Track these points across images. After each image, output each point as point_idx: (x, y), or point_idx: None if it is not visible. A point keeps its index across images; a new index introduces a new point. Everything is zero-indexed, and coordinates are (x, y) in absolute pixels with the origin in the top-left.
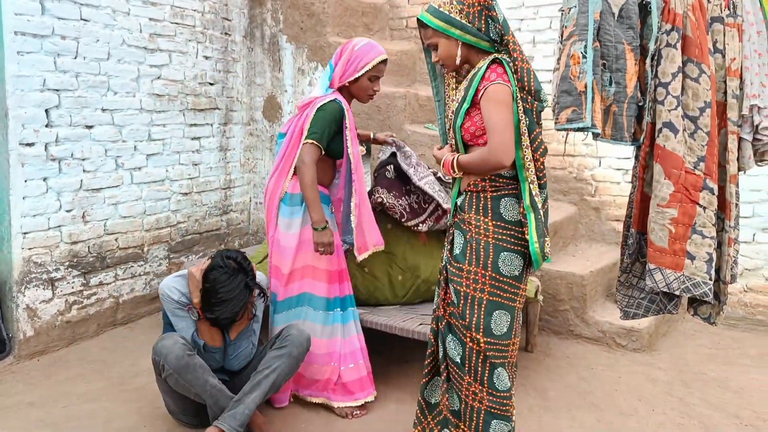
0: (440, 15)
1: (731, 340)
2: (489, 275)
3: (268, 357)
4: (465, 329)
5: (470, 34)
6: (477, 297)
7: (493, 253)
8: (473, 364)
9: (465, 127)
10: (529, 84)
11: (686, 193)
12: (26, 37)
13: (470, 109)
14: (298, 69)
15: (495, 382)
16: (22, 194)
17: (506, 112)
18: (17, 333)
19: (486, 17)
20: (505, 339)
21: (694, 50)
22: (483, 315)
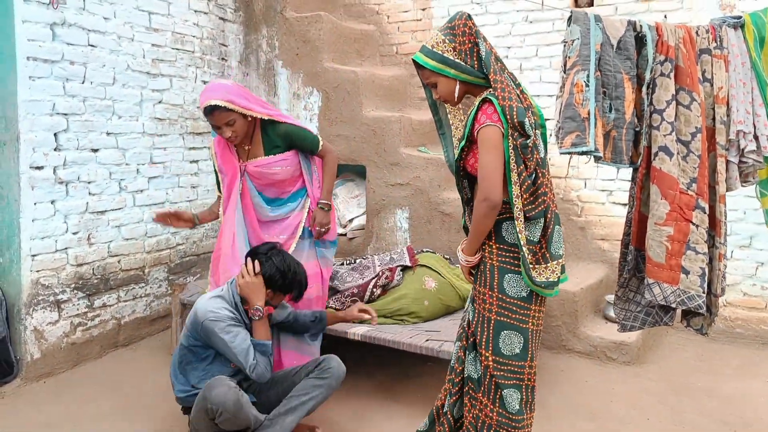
0: (435, 56)
1: (713, 351)
2: (496, 296)
3: (307, 384)
4: (479, 347)
5: (465, 73)
6: (486, 317)
7: (498, 275)
8: (485, 382)
9: (470, 164)
10: (512, 120)
11: (681, 212)
12: (38, 63)
13: (471, 146)
14: (294, 94)
15: (504, 402)
16: (31, 217)
17: (494, 155)
18: (25, 355)
19: (477, 54)
20: (518, 360)
21: (685, 79)
22: (492, 334)
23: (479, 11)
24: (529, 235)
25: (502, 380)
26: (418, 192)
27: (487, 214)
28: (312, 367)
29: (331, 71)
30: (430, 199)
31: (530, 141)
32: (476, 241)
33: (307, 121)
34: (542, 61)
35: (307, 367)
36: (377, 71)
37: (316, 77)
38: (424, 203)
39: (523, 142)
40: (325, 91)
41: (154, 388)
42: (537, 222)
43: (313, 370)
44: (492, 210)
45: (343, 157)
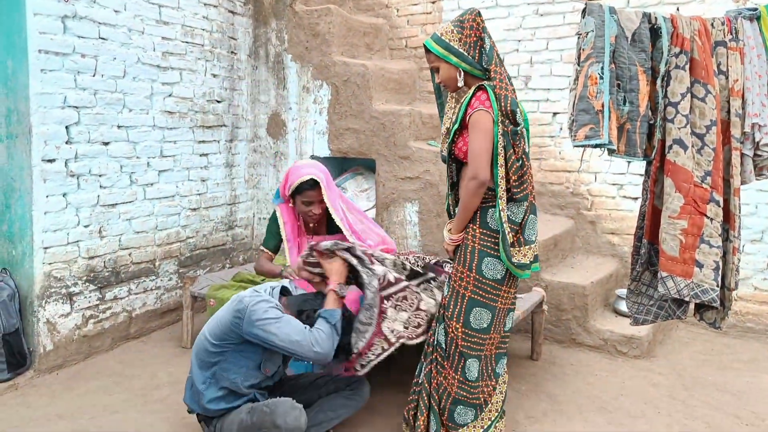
0: (441, 42)
1: (723, 346)
2: (474, 276)
3: (336, 402)
4: (448, 319)
5: (466, 63)
6: (461, 293)
7: (478, 257)
8: (450, 352)
9: (458, 147)
10: (506, 107)
11: (695, 205)
12: (49, 56)
13: (462, 130)
14: (303, 87)
15: (465, 371)
16: (43, 209)
17: (483, 138)
18: (37, 347)
19: (480, 48)
20: (483, 333)
21: (700, 72)
22: (464, 309)
23: (490, 4)
24: (511, 215)
25: (466, 350)
26: (428, 186)
27: (475, 192)
28: (343, 385)
29: (340, 65)
30: (440, 192)
31: (520, 128)
32: (464, 220)
33: (316, 114)
34: (553, 55)
35: (336, 382)
36: (387, 65)
37: (326, 70)
38: (434, 197)
39: (513, 128)
40: (334, 84)
41: (166, 380)
42: (521, 204)
43: (344, 388)
44: (479, 188)
45: (353, 150)
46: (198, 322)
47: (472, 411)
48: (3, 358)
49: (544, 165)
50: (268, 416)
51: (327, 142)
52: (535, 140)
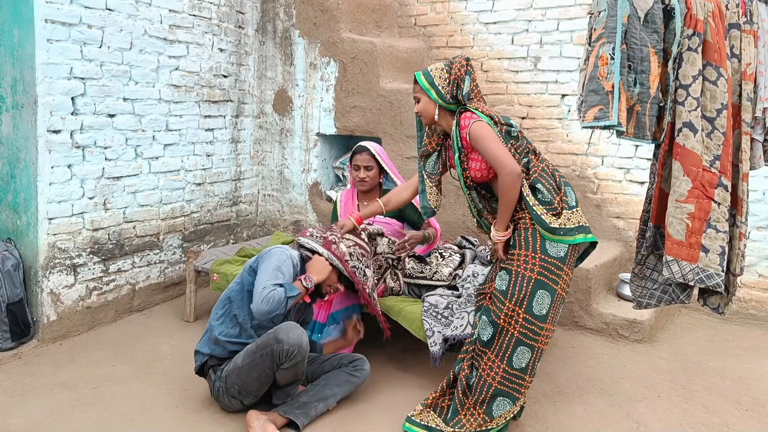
0: (428, 77)
1: (725, 332)
2: (539, 257)
3: (340, 378)
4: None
5: (441, 99)
6: (527, 276)
7: (540, 238)
8: (505, 337)
9: (473, 169)
10: (499, 121)
11: (703, 189)
12: (55, 25)
13: (465, 157)
14: (310, 63)
15: (513, 360)
16: (48, 180)
17: (493, 140)
18: (41, 317)
19: (457, 86)
20: (541, 321)
21: (713, 54)
22: (529, 292)
23: None
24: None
25: (523, 337)
26: None
27: (514, 184)
28: (346, 362)
29: (348, 41)
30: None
31: (514, 130)
32: (507, 214)
33: (323, 91)
34: (563, 36)
35: (340, 359)
36: (395, 42)
37: (334, 47)
38: None
39: (508, 128)
40: (342, 61)
41: (168, 353)
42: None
43: (347, 364)
44: (516, 180)
45: (359, 128)
46: (201, 297)
47: (509, 402)
48: (7, 327)
49: (551, 147)
50: (271, 334)
51: (333, 120)
52: (543, 122)
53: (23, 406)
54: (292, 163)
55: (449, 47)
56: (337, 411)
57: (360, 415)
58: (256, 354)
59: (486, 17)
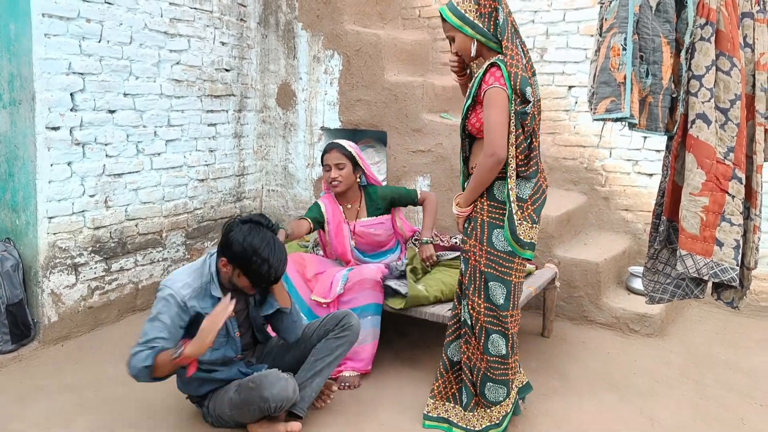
0: (456, 12)
1: (736, 325)
2: (485, 249)
3: (328, 345)
4: (470, 296)
5: (480, 34)
6: (477, 268)
7: (488, 230)
8: (476, 328)
9: (471, 122)
10: (515, 86)
11: (717, 182)
12: (53, 20)
13: (475, 106)
14: (314, 57)
15: (492, 347)
16: (48, 178)
17: (500, 114)
18: (42, 318)
19: (495, 20)
20: (502, 309)
21: (726, 44)
22: (482, 284)
23: None
24: (519, 192)
25: (489, 326)
26: (440, 159)
27: (492, 168)
28: (332, 325)
29: (352, 34)
30: (453, 166)
31: (530, 108)
32: (475, 193)
33: (327, 85)
34: (569, 26)
35: (324, 326)
36: (399, 35)
37: (337, 40)
38: (446, 170)
39: (523, 108)
40: (346, 54)
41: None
42: (529, 181)
43: (333, 328)
44: (497, 165)
45: (364, 122)
46: None
47: (502, 389)
48: (6, 329)
49: (558, 140)
50: (255, 391)
51: (338, 114)
52: (550, 114)
53: (25, 410)
54: (296, 157)
55: None
56: (344, 408)
57: (369, 415)
58: (244, 409)
59: None
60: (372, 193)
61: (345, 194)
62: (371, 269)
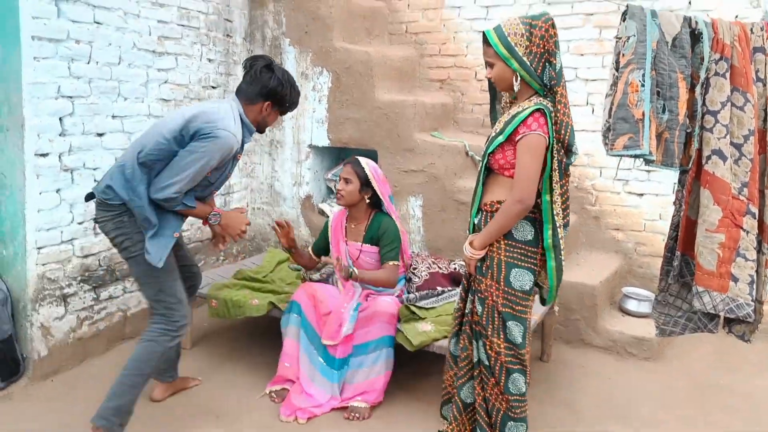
0: (505, 42)
1: (730, 347)
2: (503, 289)
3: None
4: (489, 336)
5: (526, 72)
6: (495, 308)
7: (506, 269)
8: (497, 368)
9: (496, 158)
10: (564, 137)
11: (732, 218)
12: (42, 42)
13: (504, 143)
14: (302, 73)
15: (513, 386)
16: (37, 207)
17: (536, 163)
18: (31, 353)
19: (546, 61)
20: (520, 348)
21: (740, 79)
22: (501, 324)
23: None
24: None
25: (510, 365)
26: (433, 179)
27: (518, 215)
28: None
29: (342, 51)
30: (445, 186)
31: (574, 158)
32: (493, 237)
33: (315, 102)
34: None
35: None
36: (387, 51)
37: (326, 57)
38: (438, 191)
39: (568, 160)
40: (335, 71)
41: None
42: (565, 230)
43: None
44: (524, 212)
45: (353, 141)
46: (197, 321)
47: (522, 426)
48: None
49: None
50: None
51: (326, 132)
52: None
53: None
54: (282, 175)
55: (442, 55)
56: None
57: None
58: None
59: (480, 25)
60: (379, 221)
61: (352, 212)
62: (386, 302)
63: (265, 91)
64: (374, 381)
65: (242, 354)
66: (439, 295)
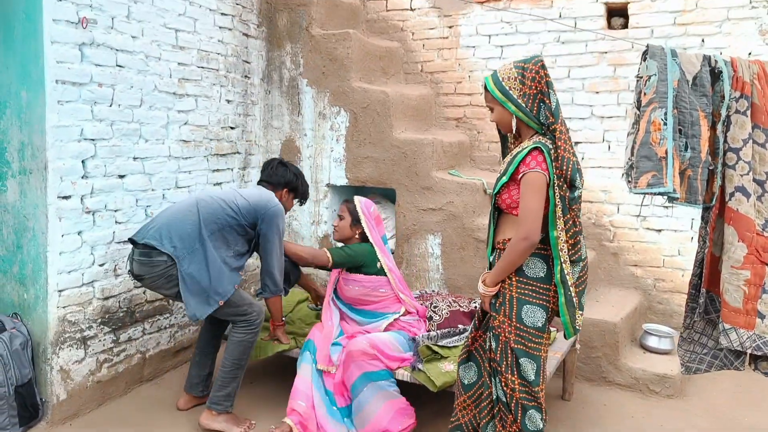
0: (500, 86)
1: (750, 382)
2: (515, 326)
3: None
4: (503, 373)
5: (522, 113)
6: (508, 345)
7: (517, 306)
8: (512, 405)
9: (503, 198)
10: (566, 172)
11: (757, 255)
12: (66, 86)
13: (509, 183)
14: (319, 113)
15: (530, 422)
16: (59, 250)
17: (538, 200)
18: (50, 397)
19: (539, 101)
20: (534, 385)
21: (760, 117)
22: (514, 361)
23: (509, 30)
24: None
25: (525, 402)
26: (452, 217)
27: (525, 252)
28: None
29: (359, 91)
30: (464, 225)
31: (578, 193)
32: (503, 274)
33: (333, 141)
34: (574, 83)
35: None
36: (404, 90)
37: (344, 96)
38: (457, 229)
39: (571, 194)
40: (353, 111)
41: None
42: (577, 265)
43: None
44: (530, 248)
45: (372, 179)
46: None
47: None
48: (15, 411)
49: None
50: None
51: (344, 171)
52: None
53: None
54: (300, 214)
55: (457, 94)
56: None
57: None
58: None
59: (494, 64)
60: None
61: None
62: (355, 342)
63: (283, 181)
64: (380, 416)
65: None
66: (461, 333)
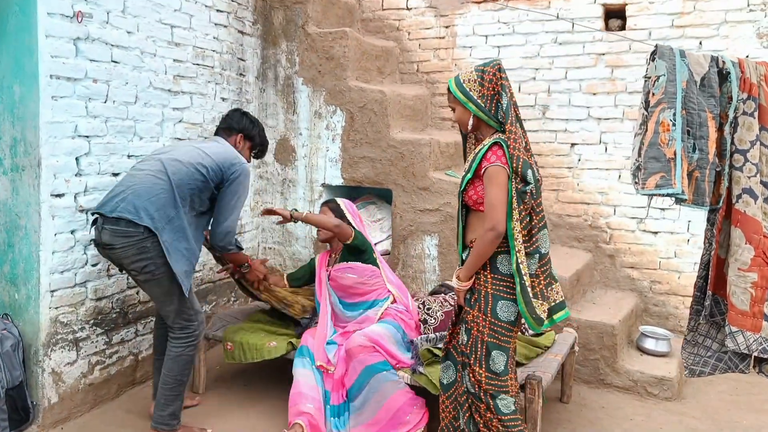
0: (461, 87)
1: (748, 384)
2: (489, 320)
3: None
4: (471, 365)
5: (481, 111)
6: (480, 339)
7: (492, 302)
8: (482, 395)
9: (469, 195)
10: (518, 168)
11: (764, 257)
12: (60, 81)
13: (473, 179)
14: (315, 112)
15: (501, 409)
16: (51, 249)
17: (501, 192)
18: (42, 400)
19: (497, 102)
20: (503, 375)
21: (767, 118)
22: (484, 354)
23: (506, 31)
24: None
25: (493, 390)
26: (449, 218)
27: (492, 242)
28: None
29: (356, 90)
30: None
31: (529, 188)
32: (475, 267)
33: (329, 141)
34: (571, 84)
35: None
36: (400, 90)
37: (340, 96)
38: (454, 230)
39: (523, 188)
40: (349, 110)
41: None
42: (532, 257)
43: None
44: (497, 238)
45: (368, 179)
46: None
47: None
48: (5, 415)
49: (561, 197)
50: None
51: (340, 171)
52: (553, 171)
53: None
54: None
55: None
56: None
57: None
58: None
59: None
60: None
61: (332, 246)
62: (353, 338)
63: (238, 127)
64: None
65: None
66: None
